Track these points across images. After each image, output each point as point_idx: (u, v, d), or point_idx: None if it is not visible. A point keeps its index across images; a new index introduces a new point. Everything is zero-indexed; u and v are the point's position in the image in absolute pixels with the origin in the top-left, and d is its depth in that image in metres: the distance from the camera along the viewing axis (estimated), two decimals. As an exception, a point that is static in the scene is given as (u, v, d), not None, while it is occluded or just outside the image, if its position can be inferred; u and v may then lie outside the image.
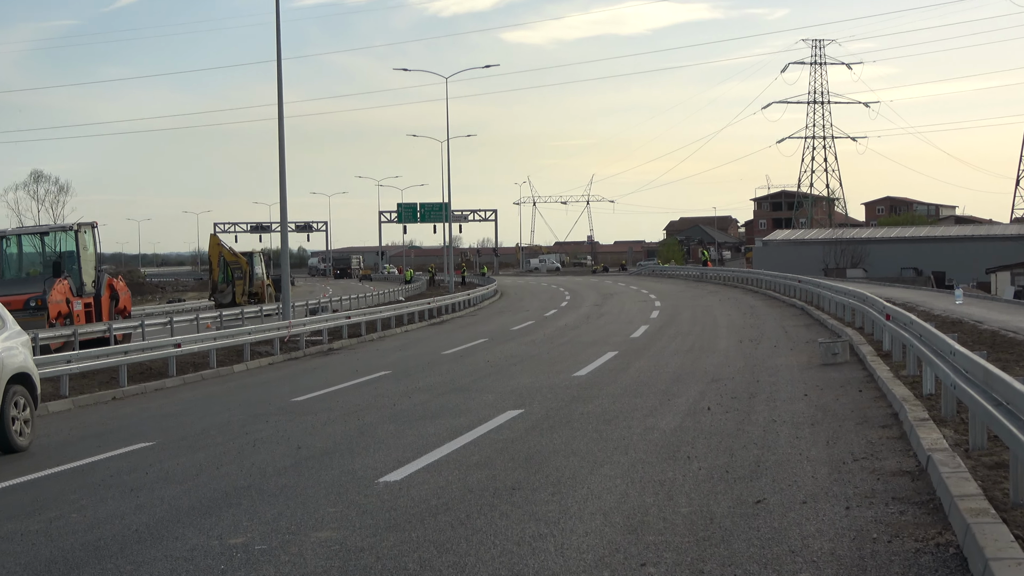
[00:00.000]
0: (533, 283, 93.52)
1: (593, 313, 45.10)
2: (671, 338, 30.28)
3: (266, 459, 13.53)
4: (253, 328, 30.82)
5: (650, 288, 67.97)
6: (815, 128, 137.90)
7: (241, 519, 9.99)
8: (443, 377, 22.79)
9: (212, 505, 10.76)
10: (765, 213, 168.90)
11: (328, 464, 12.87)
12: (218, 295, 63.61)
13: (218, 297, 63.49)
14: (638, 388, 19.02)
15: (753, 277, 61.34)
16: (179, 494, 11.50)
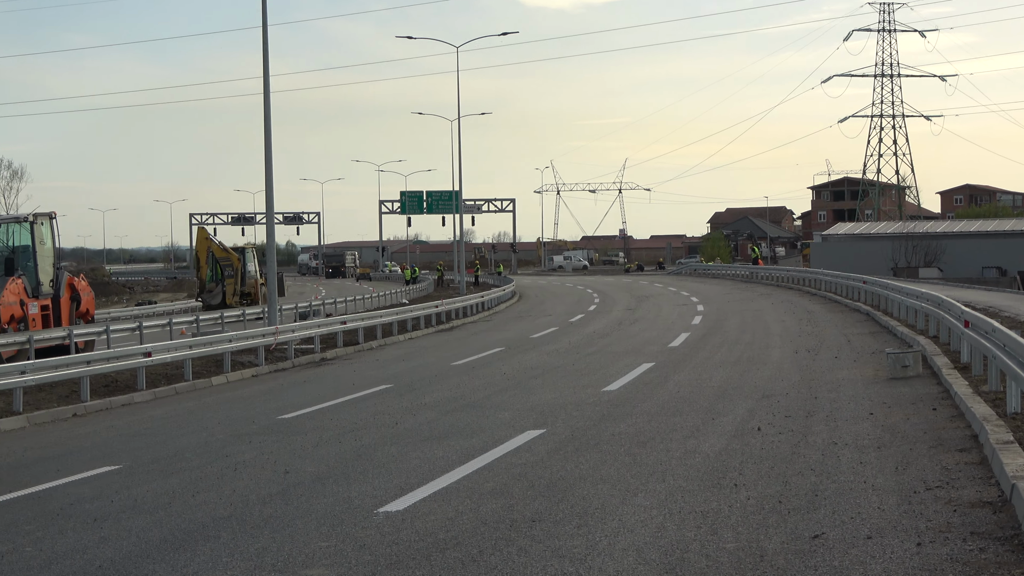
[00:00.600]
0: (557, 284, 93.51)
1: (626, 318, 45.07)
2: (716, 347, 30.23)
3: (249, 485, 13.56)
4: (234, 335, 30.92)
5: (692, 290, 67.86)
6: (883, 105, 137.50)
7: (220, 554, 10.02)
8: (453, 392, 22.81)
9: (187, 538, 10.80)
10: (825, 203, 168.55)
11: (320, 491, 12.90)
12: (207, 295, 63.92)
13: (207, 298, 63.80)
14: (677, 405, 18.99)
15: (811, 277, 61.20)
16: (149, 525, 11.54)
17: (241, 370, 30.17)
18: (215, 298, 63.40)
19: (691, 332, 35.98)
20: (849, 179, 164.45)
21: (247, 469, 14.78)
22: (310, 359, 33.62)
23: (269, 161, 35.28)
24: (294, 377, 29.07)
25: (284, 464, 15.00)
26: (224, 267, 64.30)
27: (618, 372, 24.90)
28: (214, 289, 63.89)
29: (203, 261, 64.25)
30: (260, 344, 31.56)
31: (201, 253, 64.58)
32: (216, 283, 64.07)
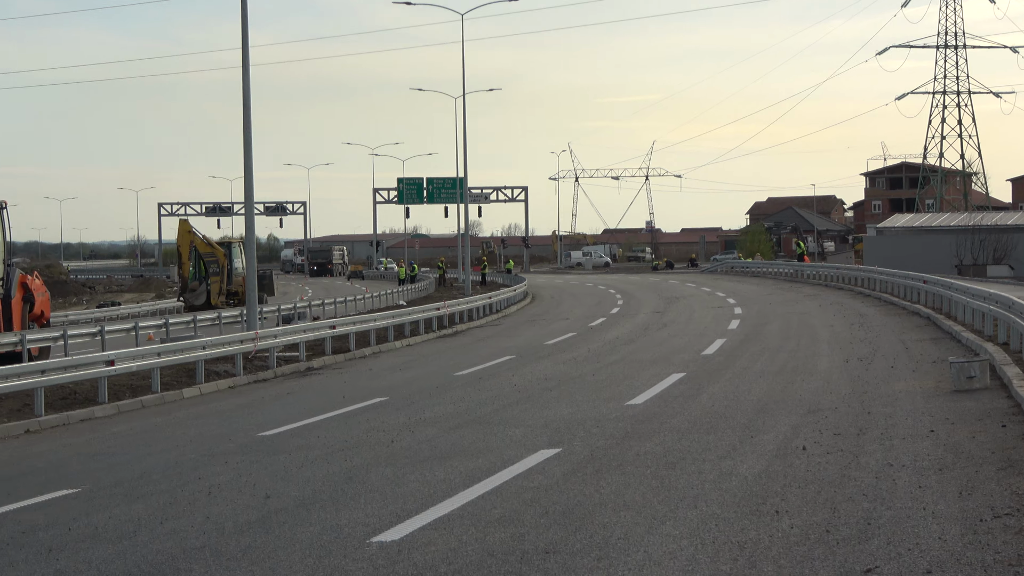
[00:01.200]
0: (575, 283, 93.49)
1: (653, 323, 45.06)
2: (755, 356, 30.21)
3: (225, 511, 13.58)
4: (209, 341, 30.97)
5: (728, 290, 67.79)
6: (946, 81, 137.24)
7: (192, 589, 10.03)
8: (456, 406, 22.82)
9: (154, 571, 10.81)
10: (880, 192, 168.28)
11: (305, 519, 12.91)
12: (189, 295, 64.02)
13: (189, 298, 63.91)
14: (711, 421, 18.98)
15: (864, 276, 61.13)
16: (111, 557, 11.56)
17: (216, 381, 30.21)
18: (199, 298, 63.51)
19: (727, 338, 35.95)
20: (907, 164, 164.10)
21: (223, 493, 14.80)
22: (295, 368, 33.66)
23: (248, 144, 35.30)
24: (276, 389, 29.10)
25: (264, 487, 15.02)
26: (208, 264, 64.44)
27: (644, 384, 24.89)
28: (197, 288, 64.01)
29: (185, 257, 64.38)
30: (238, 351, 31.60)
31: (183, 248, 64.71)
32: (200, 281, 64.19)
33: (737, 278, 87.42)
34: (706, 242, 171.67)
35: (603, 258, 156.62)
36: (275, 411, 24.10)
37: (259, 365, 33.27)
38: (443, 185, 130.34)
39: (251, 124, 35.24)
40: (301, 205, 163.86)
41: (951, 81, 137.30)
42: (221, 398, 27.82)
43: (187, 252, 64.28)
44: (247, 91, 35.02)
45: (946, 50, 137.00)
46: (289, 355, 35.70)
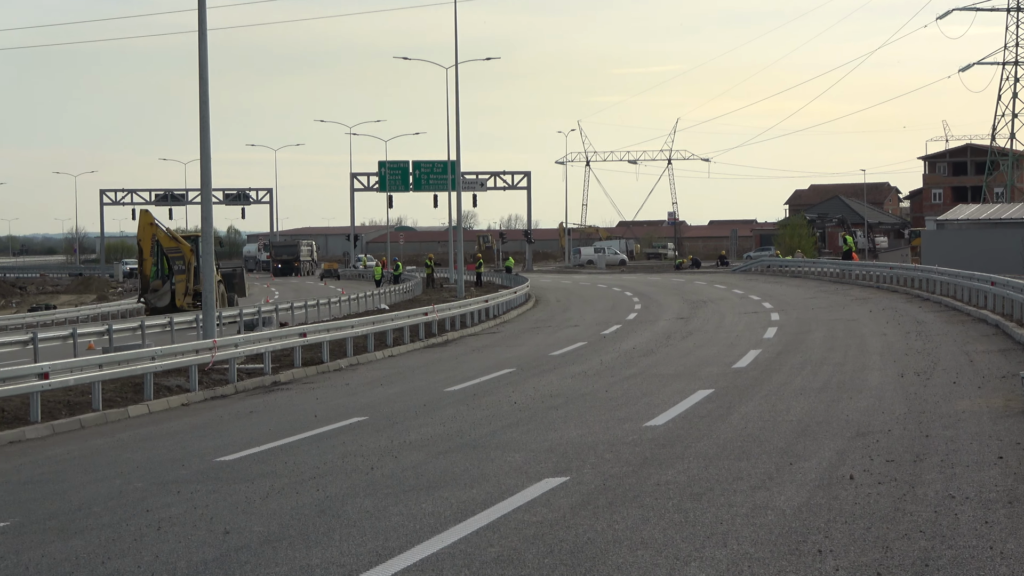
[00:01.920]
0: (585, 284, 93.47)
1: (676, 330, 45.06)
2: (795, 369, 30.21)
3: (177, 549, 13.58)
4: (159, 350, 30.96)
5: (764, 293, 67.77)
6: (1018, 49, 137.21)
7: (138, 640, 10.05)
8: (446, 427, 22.82)
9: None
10: (941, 179, 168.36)
11: (271, 558, 12.91)
12: (152, 296, 64.17)
13: (152, 299, 64.05)
14: (743, 445, 18.99)
15: (922, 277, 61.13)
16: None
17: (167, 396, 30.20)
18: (162, 299, 63.64)
19: (762, 349, 35.94)
20: (973, 147, 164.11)
21: (174, 528, 14.80)
22: (258, 383, 33.65)
23: (205, 121, 35.30)
24: (237, 406, 29.10)
25: (223, 522, 15.02)
26: (173, 260, 64.56)
27: (665, 401, 24.89)
28: (160, 288, 64.10)
29: (147, 253, 64.51)
30: (193, 363, 31.59)
31: (144, 242, 64.83)
32: (163, 280, 64.26)
33: (774, 279, 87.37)
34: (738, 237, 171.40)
35: (618, 255, 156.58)
36: (236, 432, 24.09)
37: (217, 379, 33.27)
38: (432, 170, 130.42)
39: (208, 97, 35.24)
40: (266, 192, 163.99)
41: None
42: (173, 417, 27.81)
43: (149, 247, 64.40)
44: (203, 58, 35.02)
45: (1018, 13, 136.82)
46: (252, 367, 35.69)
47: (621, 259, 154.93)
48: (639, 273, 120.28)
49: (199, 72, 34.94)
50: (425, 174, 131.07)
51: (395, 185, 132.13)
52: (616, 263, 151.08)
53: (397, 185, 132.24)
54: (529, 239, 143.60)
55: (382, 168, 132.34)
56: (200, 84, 34.99)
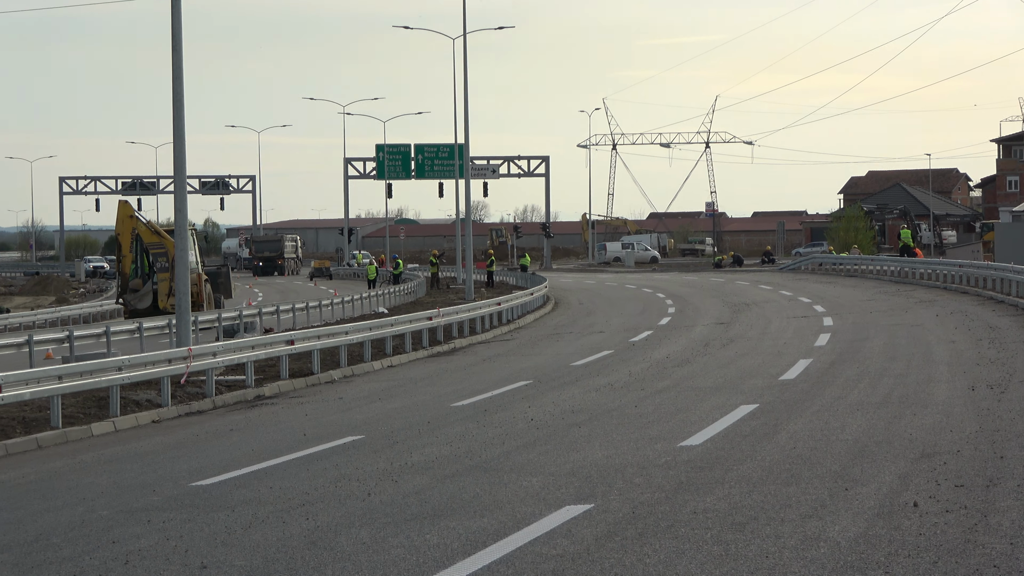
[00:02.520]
0: (612, 284, 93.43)
1: (715, 337, 45.03)
2: (850, 382, 30.17)
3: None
4: (127, 360, 30.97)
5: (815, 294, 67.68)
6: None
7: None
8: (453, 447, 22.82)
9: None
10: (1017, 164, 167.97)
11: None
12: (131, 297, 64.37)
13: (132, 300, 64.26)
14: (792, 468, 18.97)
15: (996, 276, 60.96)
16: (-2, 645, 11.57)
17: (136, 412, 30.21)
18: (143, 300, 63.86)
19: (813, 358, 35.91)
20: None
21: (144, 562, 14.81)
22: (240, 397, 33.67)
23: (179, 100, 35.32)
24: (216, 424, 29.11)
25: (200, 555, 15.03)
26: (156, 257, 64.75)
27: (703, 418, 24.87)
28: (141, 288, 64.29)
29: (126, 248, 64.72)
30: (165, 374, 31.59)
31: (124, 237, 65.05)
32: (144, 280, 64.46)
33: (827, 278, 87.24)
34: (785, 230, 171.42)
35: (648, 251, 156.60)
36: (214, 453, 24.10)
37: (193, 392, 33.29)
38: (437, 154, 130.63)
39: (182, 71, 35.27)
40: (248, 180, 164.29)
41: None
42: (142, 436, 27.83)
43: (129, 243, 64.63)
44: (177, 27, 35.05)
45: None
46: (233, 379, 35.71)
47: (652, 256, 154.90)
48: (673, 272, 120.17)
49: (172, 43, 34.96)
50: (429, 159, 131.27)
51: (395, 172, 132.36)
52: (646, 260, 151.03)
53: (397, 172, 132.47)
54: (547, 233, 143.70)
55: (380, 152, 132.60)
56: (173, 57, 35.01)
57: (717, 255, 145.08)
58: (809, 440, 21.60)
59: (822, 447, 20.83)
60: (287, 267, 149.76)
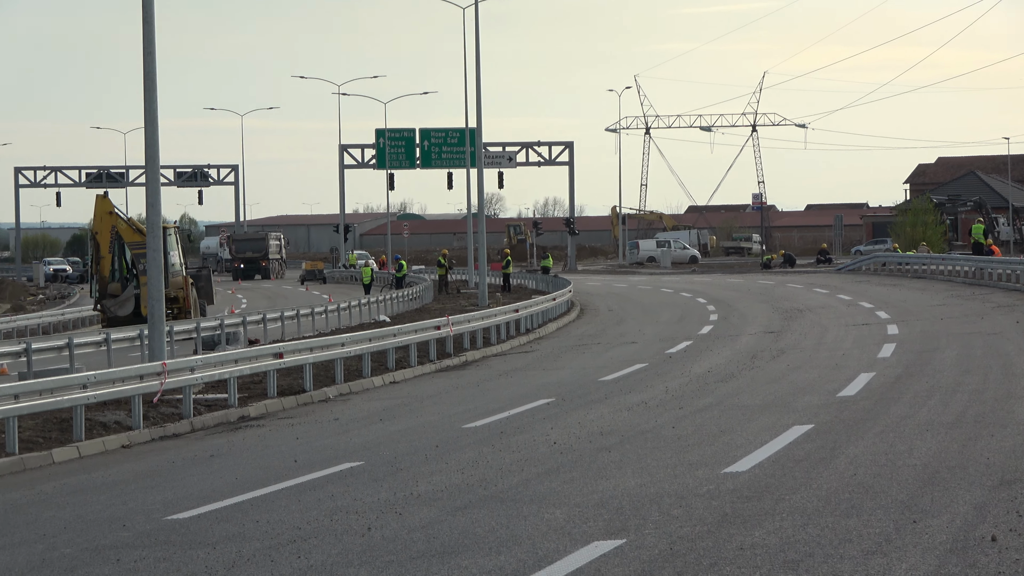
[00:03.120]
0: (645, 288, 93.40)
1: (764, 348, 45.01)
2: (919, 398, 30.15)
3: (117, 634, 13.61)
4: (93, 376, 30.96)
5: (878, 298, 67.63)
6: None
7: None
8: (465, 474, 22.84)
9: None
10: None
11: (238, 645, 12.94)
12: (111, 303, 64.56)
13: (111, 306, 64.45)
14: (852, 498, 18.95)
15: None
16: None
17: (103, 436, 30.24)
18: (124, 307, 64.00)
19: (877, 372, 35.89)
20: None
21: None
22: (221, 418, 33.69)
23: (151, 79, 35.35)
24: (194, 448, 29.14)
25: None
26: (138, 259, 64.91)
27: (750, 441, 24.87)
28: (121, 293, 64.47)
29: (104, 249, 64.84)
30: (136, 392, 31.60)
31: (102, 235, 65.16)
32: (124, 284, 64.64)
33: (891, 280, 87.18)
34: (844, 226, 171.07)
35: (687, 250, 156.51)
36: (192, 482, 24.13)
37: (168, 413, 33.33)
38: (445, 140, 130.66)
39: (155, 47, 35.30)
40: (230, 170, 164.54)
41: None
42: (111, 462, 27.87)
43: (107, 242, 64.74)
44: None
45: None
46: (213, 397, 35.75)
47: (691, 255, 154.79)
48: (715, 273, 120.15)
49: (143, 14, 35.00)
50: (436, 146, 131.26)
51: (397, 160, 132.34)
52: (685, 260, 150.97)
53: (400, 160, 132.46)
54: (572, 230, 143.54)
55: (380, 138, 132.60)
56: (144, 29, 35.05)
57: (766, 254, 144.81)
58: (872, 465, 21.58)
59: (887, 473, 20.82)
60: (272, 269, 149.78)
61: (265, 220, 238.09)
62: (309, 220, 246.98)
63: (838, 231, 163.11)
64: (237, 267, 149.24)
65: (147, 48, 35.17)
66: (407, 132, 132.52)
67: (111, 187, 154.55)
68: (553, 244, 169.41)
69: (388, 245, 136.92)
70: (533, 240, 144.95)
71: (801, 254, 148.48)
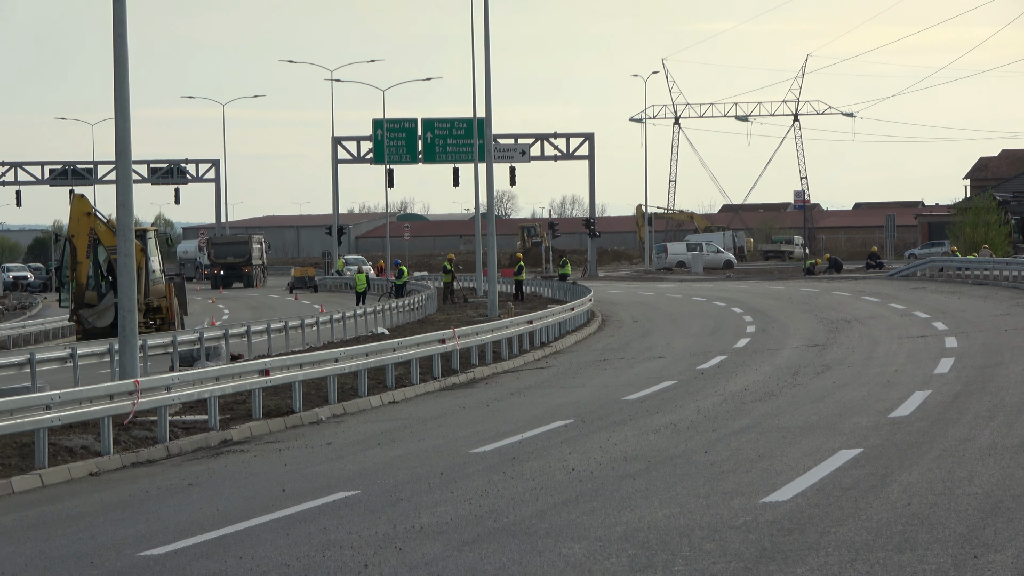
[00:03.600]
0: (675, 296, 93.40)
1: (807, 363, 45.00)
2: (981, 419, 30.13)
3: None
4: (57, 396, 30.94)
5: (934, 308, 67.60)
6: None
7: None
8: (473, 505, 22.84)
9: None
10: None
11: None
12: (89, 313, 64.80)
13: (89, 316, 64.70)
14: (906, 530, 18.94)
15: None
16: None
17: (69, 462, 30.24)
18: (103, 317, 64.23)
19: (933, 389, 35.88)
20: None
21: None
22: (201, 442, 33.70)
23: (122, 64, 35.38)
24: (170, 477, 29.15)
25: (151, 644, 15.04)
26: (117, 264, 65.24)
27: (792, 467, 24.87)
28: (99, 303, 64.70)
29: (82, 253, 65.06)
30: (105, 413, 31.59)
31: (79, 239, 65.40)
32: (103, 292, 64.90)
33: (949, 287, 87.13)
34: (896, 226, 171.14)
35: (721, 254, 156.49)
36: (168, 514, 24.13)
37: (141, 436, 33.34)
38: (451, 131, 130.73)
39: (126, 28, 35.34)
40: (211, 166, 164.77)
41: None
42: (77, 492, 27.88)
43: (85, 246, 64.95)
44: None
45: None
46: (192, 419, 35.76)
47: (726, 259, 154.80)
48: (752, 280, 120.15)
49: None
50: (441, 138, 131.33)
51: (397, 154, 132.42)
52: (719, 265, 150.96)
53: (400, 154, 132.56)
54: (592, 232, 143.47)
55: (378, 130, 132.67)
56: (115, 9, 35.09)
57: (809, 258, 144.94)
58: (928, 494, 21.57)
59: (944, 503, 20.80)
60: (255, 275, 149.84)
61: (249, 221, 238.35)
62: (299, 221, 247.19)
63: (890, 232, 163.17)
64: (217, 274, 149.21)
65: (118, 30, 35.20)
66: (408, 123, 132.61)
67: (77, 184, 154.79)
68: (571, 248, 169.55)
69: (387, 249, 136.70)
70: (549, 243, 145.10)
71: (848, 258, 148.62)
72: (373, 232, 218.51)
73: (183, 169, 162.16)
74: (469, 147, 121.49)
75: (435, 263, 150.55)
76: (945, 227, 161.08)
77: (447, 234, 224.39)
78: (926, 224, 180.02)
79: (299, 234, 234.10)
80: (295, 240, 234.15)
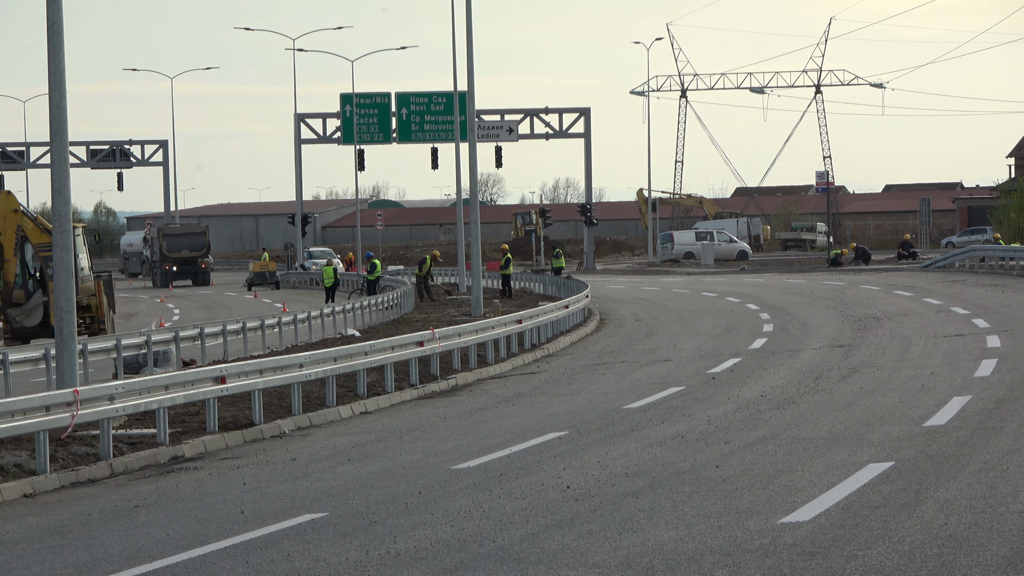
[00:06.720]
0: (682, 291, 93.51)
1: (832, 366, 45.08)
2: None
3: None
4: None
5: (974, 302, 67.68)
6: None
7: None
8: (456, 527, 22.89)
9: None
10: None
11: None
12: (17, 312, 65.23)
13: (17, 316, 65.15)
14: (943, 553, 18.99)
15: None
16: None
17: (2, 483, 30.28)
18: (31, 316, 64.69)
19: (973, 395, 35.94)
20: None
21: None
22: (149, 458, 33.72)
23: (57, 33, 35.44)
24: (114, 498, 29.18)
25: None
26: (47, 261, 65.49)
27: (814, 483, 24.93)
28: (26, 302, 65.06)
29: (9, 251, 65.53)
30: (41, 427, 31.62)
31: (6, 236, 65.85)
32: (30, 291, 65.26)
33: (992, 280, 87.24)
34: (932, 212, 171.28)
35: (735, 243, 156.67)
36: (112, 540, 24.18)
37: (81, 453, 33.37)
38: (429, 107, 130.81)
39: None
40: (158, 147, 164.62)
41: None
42: (9, 516, 27.93)
43: (12, 244, 65.42)
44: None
45: None
46: (139, 433, 35.80)
47: (740, 250, 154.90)
48: (769, 272, 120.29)
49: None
50: (417, 114, 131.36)
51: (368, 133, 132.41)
52: (732, 256, 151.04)
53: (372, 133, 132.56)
54: (589, 219, 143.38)
55: (347, 105, 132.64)
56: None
57: (833, 248, 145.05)
58: (967, 512, 21.64)
59: (986, 523, 20.86)
60: (210, 271, 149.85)
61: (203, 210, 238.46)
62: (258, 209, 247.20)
63: (924, 218, 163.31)
64: (168, 270, 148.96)
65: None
66: (380, 97, 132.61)
67: (8, 169, 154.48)
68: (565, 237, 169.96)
69: (358, 240, 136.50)
70: (541, 232, 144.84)
71: (878, 248, 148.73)
72: (342, 221, 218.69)
73: (127, 151, 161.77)
74: (449, 124, 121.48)
75: (412, 256, 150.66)
76: (987, 212, 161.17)
77: (425, 223, 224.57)
78: (965, 208, 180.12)
79: (258, 223, 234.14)
80: (254, 230, 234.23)
